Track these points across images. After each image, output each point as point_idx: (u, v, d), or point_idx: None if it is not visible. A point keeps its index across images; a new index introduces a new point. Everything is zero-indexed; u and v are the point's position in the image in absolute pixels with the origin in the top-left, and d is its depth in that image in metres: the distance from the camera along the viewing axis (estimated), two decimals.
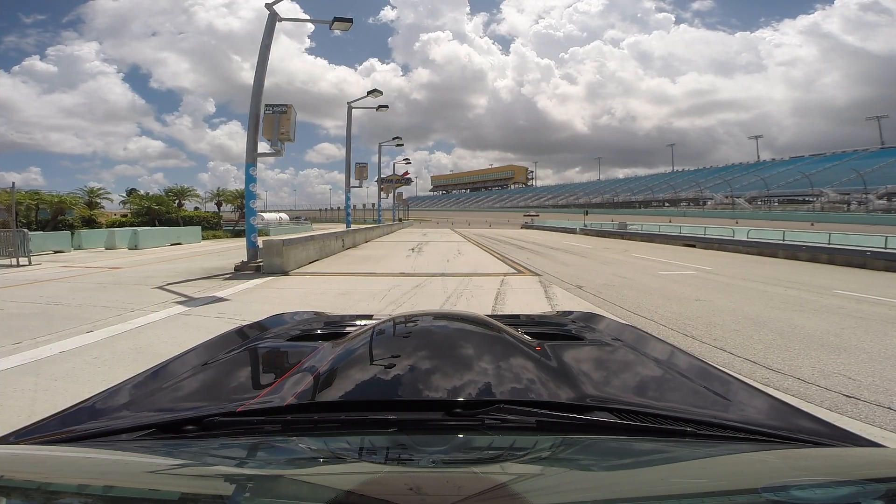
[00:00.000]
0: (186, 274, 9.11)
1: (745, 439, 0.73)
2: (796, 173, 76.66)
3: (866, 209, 55.88)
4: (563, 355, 1.06)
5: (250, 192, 9.84)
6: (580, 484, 0.59)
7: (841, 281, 8.81)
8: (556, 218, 59.30)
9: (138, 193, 27.52)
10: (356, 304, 6.14)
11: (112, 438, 0.75)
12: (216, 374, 1.07)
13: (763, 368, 3.60)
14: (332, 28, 11.10)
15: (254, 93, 9.88)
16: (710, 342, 4.36)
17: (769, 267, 11.30)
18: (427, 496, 0.54)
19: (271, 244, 9.56)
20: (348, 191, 22.54)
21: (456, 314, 1.38)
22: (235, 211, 29.54)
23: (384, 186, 36.03)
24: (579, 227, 32.43)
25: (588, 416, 0.75)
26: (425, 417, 0.75)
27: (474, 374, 0.89)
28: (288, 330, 1.47)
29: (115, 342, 4.13)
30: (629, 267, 11.06)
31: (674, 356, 1.20)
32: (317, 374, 0.92)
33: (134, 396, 0.95)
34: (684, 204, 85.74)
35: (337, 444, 0.72)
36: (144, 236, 16.95)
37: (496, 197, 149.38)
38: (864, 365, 3.65)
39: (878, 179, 60.80)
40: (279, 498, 0.56)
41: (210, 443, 0.72)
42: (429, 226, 55.16)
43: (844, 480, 0.58)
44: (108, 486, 0.57)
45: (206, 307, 5.84)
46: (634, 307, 6.06)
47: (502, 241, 22.73)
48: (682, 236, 20.10)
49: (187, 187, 28.47)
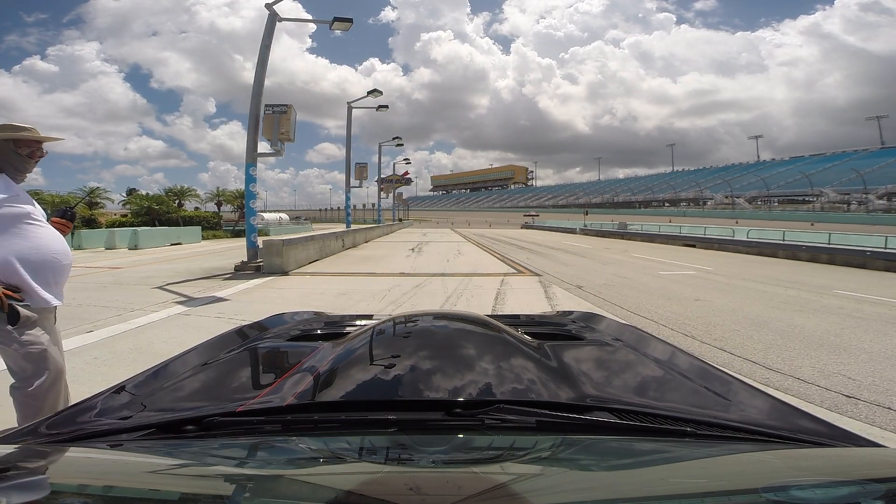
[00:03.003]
0: (186, 274, 9.10)
1: (746, 439, 0.73)
2: (796, 173, 76.65)
3: (866, 209, 55.87)
4: (563, 355, 1.06)
5: (250, 192, 9.84)
6: (580, 484, 0.59)
7: (841, 281, 8.81)
8: (556, 218, 59.30)
9: (138, 193, 27.56)
10: (356, 304, 6.14)
11: (112, 438, 0.75)
12: (216, 374, 1.07)
13: (763, 368, 3.60)
14: (332, 28, 11.10)
15: (254, 93, 9.87)
16: (710, 342, 4.36)
17: (769, 267, 11.29)
18: (427, 496, 0.54)
19: (271, 244, 9.56)
20: (348, 191, 22.53)
21: (456, 314, 1.38)
22: (235, 211, 29.57)
23: (384, 186, 36.02)
24: (579, 227, 32.43)
25: (588, 416, 0.75)
26: (425, 417, 0.75)
27: (474, 374, 0.89)
28: (288, 330, 1.47)
29: (115, 342, 4.13)
30: (629, 267, 11.06)
31: (674, 356, 1.20)
32: (317, 374, 0.92)
33: (134, 396, 0.95)
34: (684, 204, 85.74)
35: (337, 444, 0.72)
36: (144, 236, 16.94)
37: (496, 197, 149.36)
38: (864, 365, 3.65)
39: (878, 179, 60.79)
40: (279, 498, 0.56)
41: (210, 443, 0.72)
42: (429, 226, 55.17)
43: (844, 480, 0.58)
44: (108, 486, 0.57)
45: (206, 307, 5.84)
46: (634, 307, 6.06)
47: (502, 241, 22.73)
48: (682, 236, 20.10)
49: (187, 187, 28.55)
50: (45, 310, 1.78)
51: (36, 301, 1.72)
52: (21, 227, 1.72)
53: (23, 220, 1.72)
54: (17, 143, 1.77)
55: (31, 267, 1.71)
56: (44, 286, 1.75)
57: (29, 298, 1.71)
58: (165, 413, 0.83)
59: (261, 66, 10.10)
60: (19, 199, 1.74)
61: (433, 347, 1.01)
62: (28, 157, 1.80)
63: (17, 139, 1.76)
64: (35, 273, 1.72)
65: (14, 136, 1.75)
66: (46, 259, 1.76)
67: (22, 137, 1.77)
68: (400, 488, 0.56)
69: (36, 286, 1.72)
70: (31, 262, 1.71)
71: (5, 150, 1.74)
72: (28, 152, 1.79)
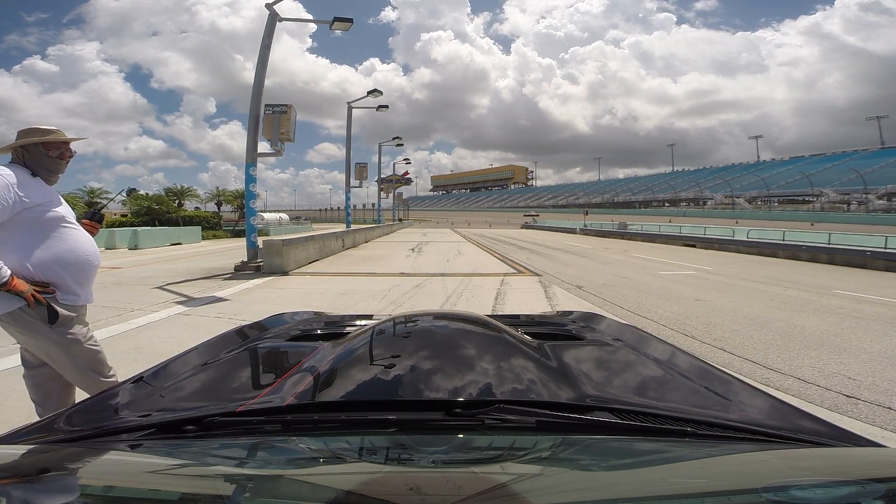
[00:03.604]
0: (186, 274, 9.10)
1: (746, 439, 0.73)
2: (796, 173, 76.67)
3: (866, 209, 55.86)
4: (563, 355, 1.06)
5: (250, 192, 9.84)
6: (580, 484, 0.59)
7: (841, 281, 8.81)
8: (556, 218, 59.32)
9: (138, 193, 27.51)
10: (356, 304, 6.13)
11: (112, 438, 0.75)
12: (216, 374, 1.07)
13: (763, 368, 3.60)
14: (332, 28, 11.10)
15: (254, 93, 9.87)
16: (710, 342, 4.35)
17: (769, 267, 11.29)
18: (427, 496, 0.54)
19: (271, 244, 9.55)
20: (348, 191, 22.53)
21: (456, 314, 1.38)
22: (235, 211, 29.59)
23: (384, 186, 36.01)
24: (579, 227, 32.41)
25: (588, 416, 0.75)
26: (425, 417, 0.75)
27: (474, 374, 0.89)
28: (288, 330, 1.47)
29: (116, 342, 4.13)
30: (629, 267, 11.06)
31: (674, 356, 1.20)
32: (317, 374, 0.91)
33: (134, 396, 0.95)
34: (684, 204, 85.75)
35: (337, 444, 0.72)
36: (144, 236, 16.94)
37: (496, 197, 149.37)
38: (865, 365, 3.65)
39: (878, 179, 60.79)
40: (279, 498, 0.56)
41: (210, 443, 0.72)
42: (429, 226, 55.16)
43: (844, 480, 0.58)
44: (108, 486, 0.57)
45: (206, 307, 5.84)
46: (634, 307, 6.06)
47: (502, 241, 22.72)
48: (682, 236, 20.09)
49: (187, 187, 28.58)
50: (83, 307, 1.87)
51: (72, 300, 1.80)
52: (58, 229, 1.79)
53: (59, 223, 1.80)
54: (47, 146, 1.82)
55: (68, 268, 1.79)
56: (77, 286, 1.83)
57: (65, 298, 1.78)
58: (165, 413, 0.83)
59: (261, 66, 10.10)
60: (54, 202, 1.81)
61: (433, 347, 1.01)
62: (58, 159, 1.86)
63: (45, 142, 1.82)
64: (71, 273, 1.80)
65: (42, 140, 1.81)
66: (80, 260, 1.84)
67: (50, 140, 1.82)
68: (400, 488, 0.56)
69: (73, 286, 1.80)
70: (67, 263, 1.79)
71: (37, 154, 1.80)
72: (58, 154, 1.86)
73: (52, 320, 1.71)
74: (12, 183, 1.66)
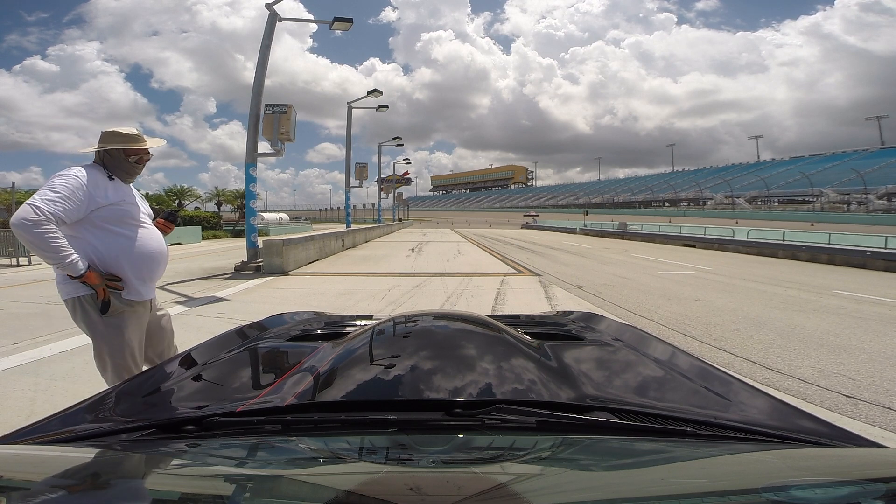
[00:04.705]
0: (186, 274, 9.10)
1: (746, 439, 0.73)
2: (796, 173, 76.68)
3: (866, 209, 55.87)
4: (563, 355, 1.06)
5: (250, 192, 9.83)
6: (580, 484, 0.59)
7: (840, 281, 8.81)
8: (556, 218, 59.29)
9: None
10: (356, 304, 6.13)
11: (112, 438, 0.75)
12: (216, 374, 1.07)
13: (763, 368, 3.60)
14: (333, 28, 11.10)
15: (254, 93, 9.87)
16: (710, 342, 4.35)
17: (769, 267, 11.29)
18: (427, 496, 0.54)
19: (271, 244, 9.55)
20: (348, 191, 22.53)
21: (456, 314, 1.38)
22: (235, 211, 29.58)
23: (384, 186, 36.00)
24: (579, 227, 32.39)
25: (588, 416, 0.75)
26: (425, 417, 0.75)
27: (474, 374, 0.89)
28: (288, 330, 1.47)
29: None
30: (629, 267, 11.06)
31: (674, 356, 1.20)
32: (317, 374, 0.91)
33: (134, 396, 0.95)
34: (684, 204, 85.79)
35: (337, 444, 0.72)
36: None
37: (496, 197, 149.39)
38: (864, 365, 3.65)
39: (878, 179, 60.81)
40: (279, 498, 0.56)
41: (210, 443, 0.72)
42: (429, 226, 55.15)
43: (844, 480, 0.58)
44: (109, 486, 0.57)
45: (206, 307, 5.84)
46: (634, 307, 6.06)
47: (502, 241, 22.72)
48: (682, 236, 20.09)
49: (187, 187, 28.59)
50: (140, 303, 1.91)
51: (132, 294, 1.87)
52: (128, 227, 1.87)
53: (129, 220, 1.88)
54: (127, 152, 1.91)
55: (131, 263, 1.86)
56: (139, 281, 1.89)
57: (127, 294, 1.85)
58: (165, 413, 0.83)
59: (261, 66, 10.09)
60: (127, 201, 1.89)
61: (433, 347, 1.01)
62: (136, 164, 1.95)
63: (126, 149, 1.90)
64: (134, 269, 1.87)
65: (125, 147, 1.90)
66: (144, 256, 1.91)
67: (132, 148, 1.92)
68: (400, 488, 0.56)
69: (135, 281, 1.87)
70: (132, 259, 1.87)
71: (118, 158, 1.90)
72: (136, 159, 1.95)
73: (104, 311, 1.80)
74: (85, 183, 1.74)
